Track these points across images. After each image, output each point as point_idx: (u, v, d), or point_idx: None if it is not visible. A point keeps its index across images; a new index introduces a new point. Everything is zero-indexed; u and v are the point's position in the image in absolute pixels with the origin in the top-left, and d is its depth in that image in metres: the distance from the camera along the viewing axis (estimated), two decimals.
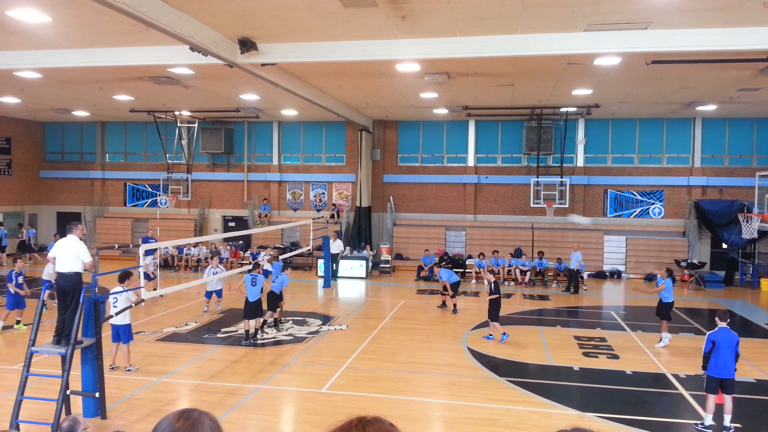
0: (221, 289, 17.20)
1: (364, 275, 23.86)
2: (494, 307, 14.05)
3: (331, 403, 9.93)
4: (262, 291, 14.10)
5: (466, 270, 24.04)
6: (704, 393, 9.14)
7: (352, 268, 23.94)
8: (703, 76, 16.47)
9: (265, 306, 14.51)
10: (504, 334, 14.01)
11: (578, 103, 21.69)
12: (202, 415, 1.94)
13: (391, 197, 27.61)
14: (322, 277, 22.72)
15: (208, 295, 17.16)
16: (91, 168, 30.78)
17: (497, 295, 14.05)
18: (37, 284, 19.25)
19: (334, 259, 23.59)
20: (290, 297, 18.32)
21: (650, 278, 14.30)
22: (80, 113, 26.99)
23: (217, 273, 16.67)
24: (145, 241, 20.64)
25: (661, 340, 13.89)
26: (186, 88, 19.59)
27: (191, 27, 11.17)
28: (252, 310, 13.86)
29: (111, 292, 11.43)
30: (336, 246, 23.81)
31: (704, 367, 9.04)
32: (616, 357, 12.90)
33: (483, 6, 10.53)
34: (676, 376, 11.59)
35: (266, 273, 15.93)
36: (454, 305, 17.53)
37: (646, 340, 14.32)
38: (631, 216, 25.89)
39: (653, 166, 25.72)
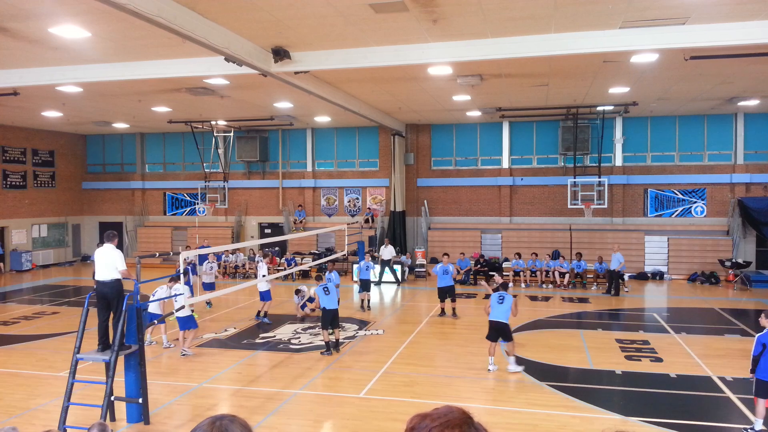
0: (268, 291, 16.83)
1: (399, 279, 23.81)
2: None
3: (369, 408, 9.93)
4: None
5: (504, 273, 23.79)
6: (753, 397, 8.84)
7: (388, 272, 23.90)
8: (744, 70, 16.02)
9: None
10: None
11: (615, 101, 21.32)
12: (233, 423, 1.93)
13: (425, 201, 27.55)
14: (357, 282, 22.73)
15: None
16: (131, 178, 31.52)
17: None
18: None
19: (387, 264, 23.38)
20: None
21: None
22: (120, 125, 27.68)
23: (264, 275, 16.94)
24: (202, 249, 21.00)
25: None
26: (222, 98, 19.91)
27: (226, 38, 11.35)
28: (330, 319, 13.33)
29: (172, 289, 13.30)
30: (388, 252, 23.55)
31: (753, 371, 8.71)
32: (659, 360, 12.59)
33: (515, 6, 10.44)
34: (722, 379, 11.25)
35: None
36: (453, 309, 17.09)
37: (691, 343, 13.95)
38: (673, 215, 25.30)
39: (694, 163, 25.08)
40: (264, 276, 16.79)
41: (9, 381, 11.51)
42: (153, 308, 13.23)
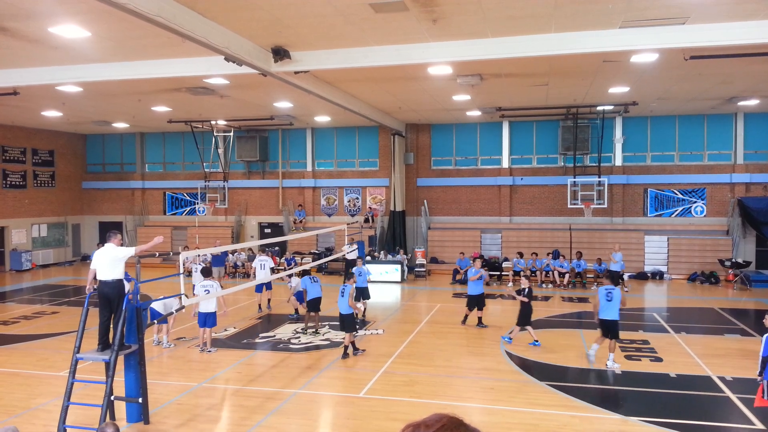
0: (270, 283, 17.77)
1: (399, 279, 23.82)
2: (524, 313, 13.86)
3: (369, 408, 9.93)
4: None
5: (503, 273, 23.82)
6: (755, 396, 8.80)
7: (387, 272, 23.92)
8: (744, 70, 16.02)
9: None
10: (508, 337, 13.97)
11: (615, 101, 21.32)
12: None
13: (425, 201, 27.55)
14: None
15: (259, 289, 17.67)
16: (131, 178, 31.51)
17: (527, 300, 13.88)
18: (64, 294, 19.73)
19: (353, 264, 20.26)
20: (326, 302, 18.39)
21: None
22: (120, 125, 27.67)
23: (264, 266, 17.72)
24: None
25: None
26: (221, 97, 19.91)
27: (225, 38, 11.35)
28: (343, 322, 13.06)
29: (200, 284, 13.75)
30: (353, 254, 21.75)
31: (761, 373, 8.49)
32: (659, 360, 12.59)
33: (515, 5, 10.44)
34: (722, 379, 11.24)
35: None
36: (480, 318, 15.99)
37: (691, 343, 13.95)
38: (673, 215, 25.30)
39: (694, 163, 25.09)
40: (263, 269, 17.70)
41: (9, 381, 11.51)
42: (157, 307, 13.26)
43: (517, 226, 26.48)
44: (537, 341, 13.69)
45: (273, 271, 18.46)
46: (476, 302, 15.63)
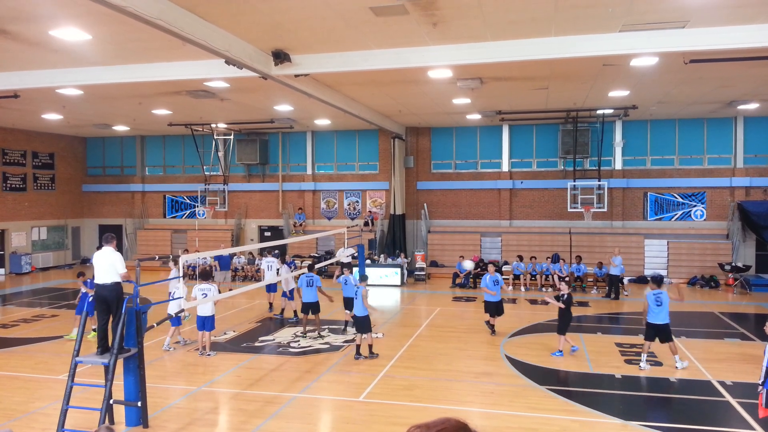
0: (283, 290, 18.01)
1: (398, 283, 23.79)
2: (564, 320, 13.34)
3: (368, 412, 9.90)
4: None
5: (504, 276, 23.76)
6: (758, 401, 8.73)
7: (387, 275, 23.90)
8: (744, 74, 16.02)
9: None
10: (573, 346, 13.37)
11: (615, 104, 21.33)
12: None
13: (425, 204, 27.54)
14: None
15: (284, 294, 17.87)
16: (131, 181, 31.52)
17: (563, 306, 13.26)
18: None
19: (347, 267, 19.59)
20: (326, 304, 18.37)
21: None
22: (120, 128, 27.68)
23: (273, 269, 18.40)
24: (218, 257, 21.46)
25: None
26: (222, 100, 19.92)
27: (226, 41, 11.36)
28: (357, 324, 13.10)
29: (197, 286, 13.60)
30: (348, 258, 21.26)
31: (763, 383, 8.23)
32: (659, 364, 12.57)
33: (515, 9, 10.45)
34: (722, 383, 11.22)
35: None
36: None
37: (691, 347, 13.94)
38: (673, 219, 25.29)
39: (694, 167, 25.09)
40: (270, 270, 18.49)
41: (8, 384, 11.48)
42: (172, 309, 13.26)
43: (517, 229, 26.46)
44: (561, 351, 13.26)
45: (278, 273, 18.40)
46: (495, 308, 15.29)
